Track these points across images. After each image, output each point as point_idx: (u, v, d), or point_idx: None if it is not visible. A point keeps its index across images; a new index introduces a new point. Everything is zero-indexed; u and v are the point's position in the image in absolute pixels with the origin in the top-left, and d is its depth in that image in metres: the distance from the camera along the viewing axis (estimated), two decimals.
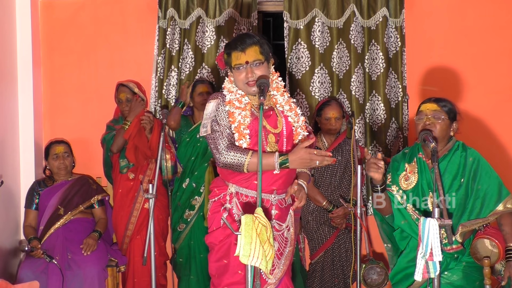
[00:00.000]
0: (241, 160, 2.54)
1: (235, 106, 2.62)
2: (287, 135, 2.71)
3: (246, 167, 2.55)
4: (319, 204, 3.83)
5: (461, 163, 2.76)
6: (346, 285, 3.89)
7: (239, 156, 2.55)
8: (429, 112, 2.76)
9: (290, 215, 2.74)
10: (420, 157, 2.85)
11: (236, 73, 2.65)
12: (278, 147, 2.67)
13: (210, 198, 2.77)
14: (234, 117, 2.60)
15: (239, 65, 2.63)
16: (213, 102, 2.69)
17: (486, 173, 2.75)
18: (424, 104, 2.81)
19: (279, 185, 2.66)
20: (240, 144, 2.59)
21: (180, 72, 4.28)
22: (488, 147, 4.25)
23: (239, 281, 2.62)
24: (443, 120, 2.75)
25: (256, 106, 2.68)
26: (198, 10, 4.25)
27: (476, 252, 2.79)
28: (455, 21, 4.38)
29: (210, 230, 2.73)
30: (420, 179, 2.81)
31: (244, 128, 2.59)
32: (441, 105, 2.77)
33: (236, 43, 2.65)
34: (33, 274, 3.55)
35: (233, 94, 2.66)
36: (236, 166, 2.56)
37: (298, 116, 2.75)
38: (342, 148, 3.90)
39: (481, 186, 2.73)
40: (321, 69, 4.28)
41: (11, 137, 3.99)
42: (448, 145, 2.81)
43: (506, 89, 4.37)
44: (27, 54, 4.12)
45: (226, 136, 2.61)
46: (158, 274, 3.90)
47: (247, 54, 2.62)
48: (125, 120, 3.91)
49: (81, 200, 3.91)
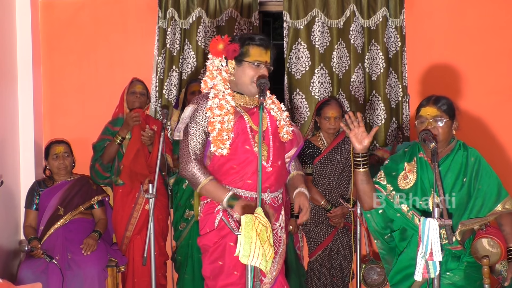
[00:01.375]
0: (200, 179, 2.59)
1: (215, 114, 2.58)
2: (273, 131, 2.71)
3: (199, 189, 2.60)
4: (317, 203, 3.83)
5: (463, 163, 2.76)
6: (345, 283, 3.89)
7: (199, 173, 2.59)
8: (430, 117, 2.76)
9: (282, 214, 2.76)
10: (421, 156, 2.84)
11: (249, 69, 2.61)
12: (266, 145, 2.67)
13: (203, 200, 2.75)
14: (214, 126, 2.58)
15: (259, 62, 2.60)
16: (191, 107, 2.65)
17: (487, 173, 2.75)
18: (424, 109, 2.79)
19: (271, 182, 2.66)
20: (219, 153, 2.59)
21: (181, 72, 4.28)
22: (488, 147, 4.25)
23: (234, 282, 2.62)
24: (444, 123, 2.74)
25: (241, 105, 2.68)
26: (198, 10, 4.25)
27: (476, 251, 2.80)
28: (455, 21, 4.38)
29: (203, 232, 2.72)
30: (422, 179, 2.80)
31: (227, 133, 2.58)
32: (440, 107, 2.76)
33: (260, 40, 2.62)
34: (33, 274, 3.55)
35: (216, 101, 2.59)
36: (192, 183, 2.61)
37: (282, 111, 2.76)
38: (341, 147, 3.91)
39: (482, 186, 2.73)
40: (321, 69, 4.27)
41: (11, 137, 3.99)
42: (450, 145, 2.81)
43: (506, 89, 4.37)
44: (27, 54, 4.11)
45: (192, 149, 2.61)
46: (158, 274, 3.90)
47: (267, 54, 2.63)
48: (117, 134, 3.86)
49: (81, 200, 3.91)
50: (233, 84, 2.68)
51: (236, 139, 2.60)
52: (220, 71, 2.66)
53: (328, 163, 3.88)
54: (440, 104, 2.77)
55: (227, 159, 2.61)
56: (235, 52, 2.61)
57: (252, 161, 2.60)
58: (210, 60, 2.69)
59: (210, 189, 2.58)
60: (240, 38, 2.64)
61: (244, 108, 2.68)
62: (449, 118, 2.76)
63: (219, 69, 2.66)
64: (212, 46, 2.66)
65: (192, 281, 3.97)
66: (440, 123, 2.73)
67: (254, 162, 2.59)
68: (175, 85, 4.26)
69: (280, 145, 2.74)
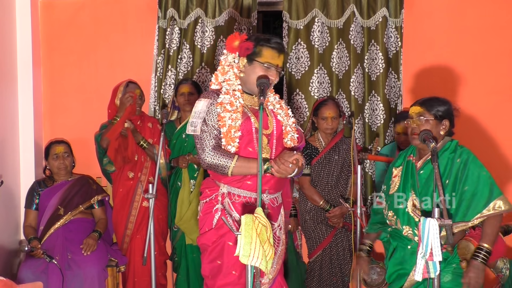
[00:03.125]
0: (227, 163, 2.55)
1: (226, 110, 2.58)
2: (277, 135, 2.71)
3: (231, 170, 2.56)
4: (316, 203, 3.84)
5: (448, 164, 2.72)
6: (344, 283, 3.90)
7: (224, 159, 2.55)
8: (414, 115, 2.76)
9: (281, 214, 2.76)
10: (410, 159, 2.84)
11: (259, 69, 2.60)
12: (269, 148, 2.67)
13: (202, 199, 2.75)
14: (224, 122, 2.57)
15: (271, 64, 2.60)
16: (203, 101, 2.64)
17: (473, 174, 2.67)
18: (411, 108, 2.81)
19: (271, 185, 2.66)
20: (228, 150, 2.58)
21: (177, 72, 4.28)
22: (488, 147, 4.25)
23: (233, 281, 2.61)
24: (427, 122, 2.73)
25: (249, 106, 2.68)
26: (197, 10, 4.25)
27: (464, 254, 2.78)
28: (455, 21, 4.38)
29: (201, 231, 2.71)
30: (404, 182, 2.79)
31: (235, 131, 2.57)
32: (425, 107, 2.75)
33: (276, 43, 2.62)
34: (33, 274, 3.55)
35: (227, 97, 2.60)
36: (221, 168, 2.56)
37: (289, 117, 2.76)
38: (339, 148, 3.91)
39: (468, 187, 2.66)
40: (320, 69, 4.28)
41: (11, 137, 3.99)
42: (438, 146, 2.78)
43: (506, 89, 4.36)
44: (27, 54, 4.12)
45: (214, 137, 2.59)
46: (158, 273, 3.90)
47: (280, 58, 2.63)
48: (115, 116, 3.84)
49: (81, 200, 3.91)
50: (242, 83, 2.68)
51: (240, 140, 2.60)
52: (232, 66, 2.66)
53: (326, 163, 3.88)
54: (426, 104, 2.76)
55: None
56: (248, 50, 2.60)
57: None
58: (224, 55, 2.69)
59: (243, 166, 2.55)
60: (256, 37, 2.64)
61: (251, 110, 2.68)
62: (434, 118, 2.74)
63: (231, 64, 2.66)
64: (229, 41, 2.66)
65: (186, 281, 3.98)
66: (422, 121, 2.72)
67: None
68: (170, 84, 4.27)
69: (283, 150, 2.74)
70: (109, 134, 3.76)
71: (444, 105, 2.77)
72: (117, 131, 3.76)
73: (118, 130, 3.76)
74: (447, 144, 2.77)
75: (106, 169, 3.93)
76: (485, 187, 2.65)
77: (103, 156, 3.87)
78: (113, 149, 3.79)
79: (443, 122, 2.76)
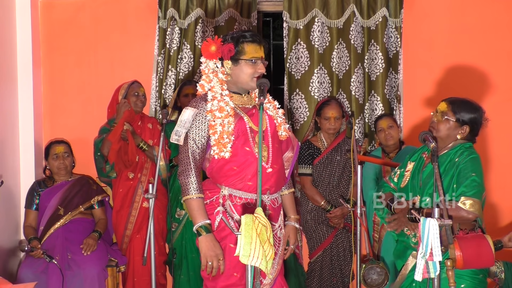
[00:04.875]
0: (187, 192, 2.58)
1: (215, 117, 2.56)
2: (272, 131, 2.70)
3: (184, 200, 2.60)
4: (317, 204, 3.84)
5: (447, 166, 2.73)
6: (345, 284, 3.90)
7: (189, 187, 2.57)
8: (439, 111, 2.77)
9: (281, 214, 2.76)
10: (423, 156, 2.84)
11: (246, 66, 2.57)
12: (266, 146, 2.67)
13: None
14: (215, 129, 2.55)
15: (256, 58, 2.57)
16: (190, 110, 2.61)
17: (465, 175, 2.66)
18: (440, 102, 2.80)
19: (271, 184, 2.65)
20: (221, 156, 2.57)
21: (178, 72, 4.28)
22: (487, 147, 4.25)
23: (234, 283, 2.60)
24: (446, 121, 2.73)
25: (240, 105, 2.66)
26: (197, 10, 4.26)
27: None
28: (455, 21, 4.38)
29: None
30: (413, 178, 2.81)
31: (227, 136, 2.56)
32: (452, 107, 2.73)
33: (253, 37, 2.59)
34: (33, 274, 3.55)
35: (215, 103, 2.57)
36: (182, 190, 2.61)
37: (277, 109, 2.75)
38: (341, 148, 3.91)
39: (456, 185, 2.68)
40: (320, 69, 4.28)
41: (11, 137, 3.99)
42: (447, 147, 2.79)
43: (506, 89, 4.37)
44: (27, 54, 4.12)
45: (192, 154, 2.59)
46: (158, 273, 3.90)
47: (261, 49, 2.61)
48: (114, 122, 3.83)
49: (81, 200, 3.91)
50: (230, 84, 2.65)
51: (236, 141, 2.59)
52: (216, 73, 2.62)
53: (328, 163, 3.88)
54: (454, 105, 2.74)
55: (227, 160, 2.59)
56: (230, 52, 2.57)
57: (252, 162, 2.60)
58: (203, 63, 2.64)
59: (194, 206, 2.58)
60: (232, 37, 2.60)
61: (243, 109, 2.67)
62: (456, 121, 2.73)
63: (215, 71, 2.63)
64: (204, 48, 2.61)
65: (188, 282, 3.97)
66: (442, 119, 2.73)
67: (254, 163, 2.58)
68: (171, 84, 4.26)
69: (279, 146, 2.74)
70: (111, 137, 3.77)
71: (472, 113, 2.74)
72: (118, 133, 3.76)
73: (119, 132, 3.76)
74: (457, 146, 2.76)
75: (109, 175, 3.92)
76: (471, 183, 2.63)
77: (104, 164, 3.87)
78: (114, 152, 3.79)
79: (464, 127, 2.74)
